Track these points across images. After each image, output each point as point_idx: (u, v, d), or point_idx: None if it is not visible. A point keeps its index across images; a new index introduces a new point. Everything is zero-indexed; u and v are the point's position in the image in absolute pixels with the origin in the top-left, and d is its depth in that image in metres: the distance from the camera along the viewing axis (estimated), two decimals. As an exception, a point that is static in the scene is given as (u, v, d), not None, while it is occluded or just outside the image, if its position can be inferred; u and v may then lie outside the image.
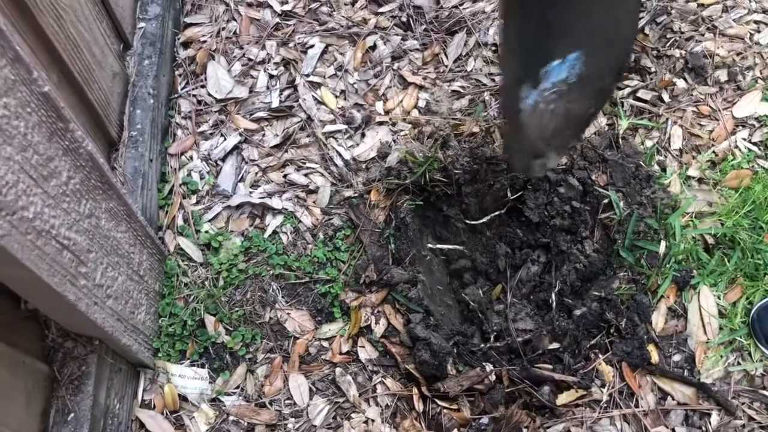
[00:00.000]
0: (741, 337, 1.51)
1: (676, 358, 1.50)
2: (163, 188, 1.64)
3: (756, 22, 1.87)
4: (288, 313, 1.54)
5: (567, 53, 1.44)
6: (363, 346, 1.53)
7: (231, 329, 1.52)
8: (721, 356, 1.50)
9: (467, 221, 1.79)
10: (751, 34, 1.85)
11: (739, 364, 1.49)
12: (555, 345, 1.55)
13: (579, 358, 1.53)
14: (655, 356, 1.50)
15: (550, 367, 1.51)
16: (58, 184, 1.03)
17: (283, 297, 1.56)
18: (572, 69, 1.47)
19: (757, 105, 1.75)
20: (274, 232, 1.62)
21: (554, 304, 1.59)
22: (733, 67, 1.79)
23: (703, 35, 1.85)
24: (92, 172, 1.15)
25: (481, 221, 1.78)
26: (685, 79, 1.79)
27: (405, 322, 1.55)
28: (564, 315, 1.59)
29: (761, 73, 1.80)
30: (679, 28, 1.85)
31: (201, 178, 1.67)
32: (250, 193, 1.65)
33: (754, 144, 1.72)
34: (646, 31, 1.84)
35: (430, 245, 1.76)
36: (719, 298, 1.55)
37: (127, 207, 1.31)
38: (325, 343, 1.53)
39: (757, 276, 1.54)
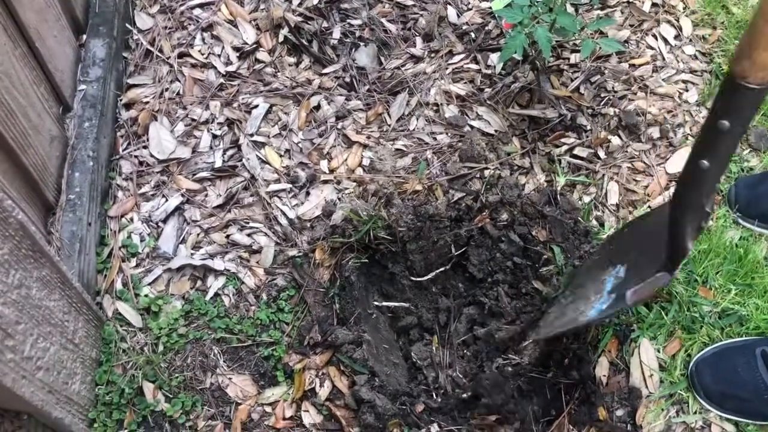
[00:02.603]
0: (681, 390, 1.53)
1: (619, 413, 1.51)
2: (102, 252, 1.61)
3: (684, 81, 1.95)
4: (230, 378, 1.51)
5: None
6: (307, 411, 1.50)
7: (171, 396, 1.48)
8: (662, 409, 1.51)
9: (412, 278, 1.80)
10: (680, 93, 1.93)
11: (679, 416, 1.51)
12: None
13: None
14: (602, 412, 1.51)
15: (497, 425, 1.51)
16: (-17, 256, 1.00)
17: (224, 361, 1.53)
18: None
19: (688, 161, 1.81)
20: (216, 295, 1.60)
21: (483, 365, 1.60)
22: (665, 124, 1.87)
23: (635, 94, 1.92)
24: (23, 240, 1.13)
25: (426, 278, 1.80)
26: (619, 137, 1.85)
27: (350, 384, 1.53)
28: (507, 369, 1.60)
29: (691, 130, 1.87)
30: (613, 88, 1.93)
31: (141, 241, 1.64)
32: (192, 254, 1.63)
33: (687, 198, 1.78)
34: (581, 90, 1.91)
35: (376, 303, 1.76)
36: (659, 351, 1.57)
37: (61, 274, 1.28)
38: (268, 408, 1.50)
39: (694, 328, 1.58)
